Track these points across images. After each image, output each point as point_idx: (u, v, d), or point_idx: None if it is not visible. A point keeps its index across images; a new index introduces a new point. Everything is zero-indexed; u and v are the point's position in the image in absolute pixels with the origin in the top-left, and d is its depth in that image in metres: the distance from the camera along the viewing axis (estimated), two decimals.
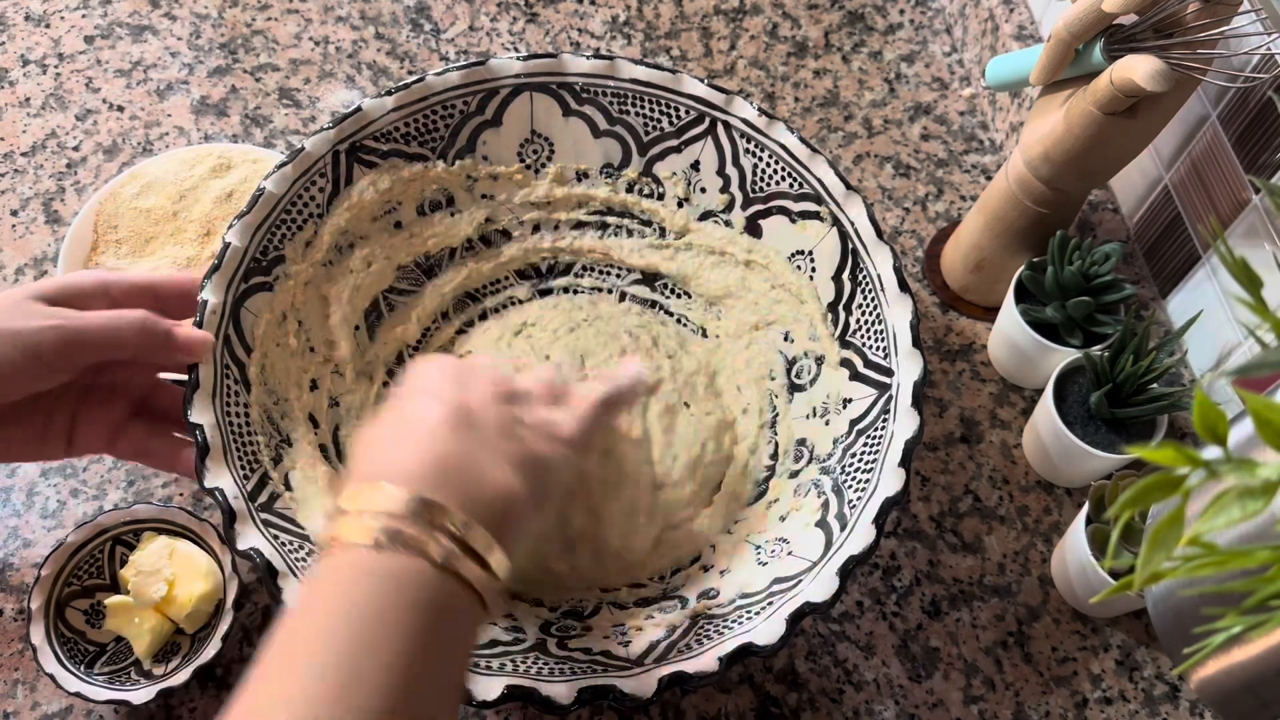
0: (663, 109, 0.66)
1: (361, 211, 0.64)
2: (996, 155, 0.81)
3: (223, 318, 0.56)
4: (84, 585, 0.60)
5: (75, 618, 0.59)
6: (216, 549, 0.60)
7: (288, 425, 0.59)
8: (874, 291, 0.60)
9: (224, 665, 0.59)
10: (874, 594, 0.63)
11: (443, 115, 0.65)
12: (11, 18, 0.84)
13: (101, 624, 0.59)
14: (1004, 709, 0.60)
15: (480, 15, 0.87)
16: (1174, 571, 0.25)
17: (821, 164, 0.63)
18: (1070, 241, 0.65)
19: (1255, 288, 0.28)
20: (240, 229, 0.59)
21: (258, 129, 0.80)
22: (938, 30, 0.88)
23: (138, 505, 0.61)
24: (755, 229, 0.67)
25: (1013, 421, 0.70)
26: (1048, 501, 0.67)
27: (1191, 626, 0.35)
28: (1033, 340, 0.65)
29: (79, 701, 0.58)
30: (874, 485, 0.54)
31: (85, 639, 0.59)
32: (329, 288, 0.63)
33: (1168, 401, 0.60)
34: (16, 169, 0.77)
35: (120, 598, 0.58)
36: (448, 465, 0.42)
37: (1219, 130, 0.63)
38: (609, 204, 0.69)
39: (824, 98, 0.84)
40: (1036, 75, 0.61)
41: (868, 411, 0.59)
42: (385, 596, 0.38)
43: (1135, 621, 0.62)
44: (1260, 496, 0.23)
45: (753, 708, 0.59)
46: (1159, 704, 0.60)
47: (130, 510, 0.60)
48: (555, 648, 0.54)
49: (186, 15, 0.86)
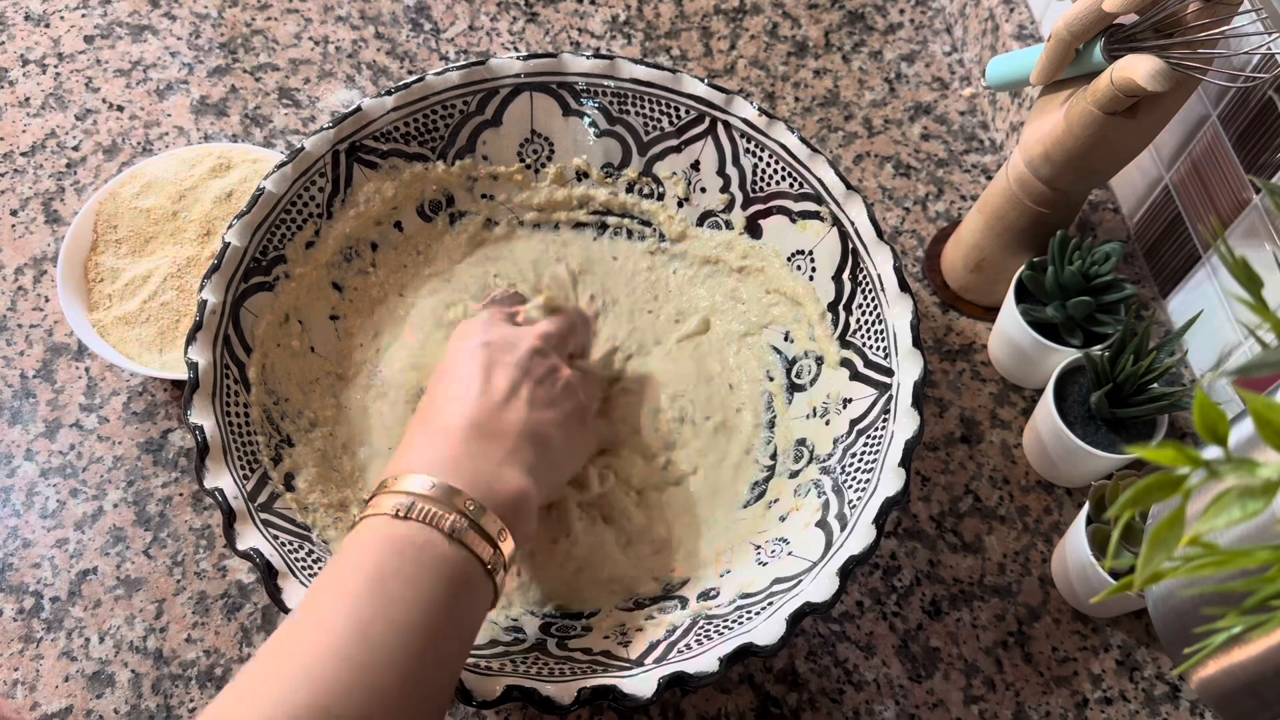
0: (663, 109, 0.66)
1: (368, 219, 0.64)
2: (997, 155, 0.81)
3: (222, 317, 0.57)
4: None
5: None
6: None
7: (288, 425, 0.59)
8: (874, 291, 0.60)
9: (224, 665, 0.59)
10: (874, 594, 0.63)
11: (443, 115, 0.65)
12: (11, 17, 0.84)
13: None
14: (1004, 709, 0.60)
15: (480, 15, 0.87)
16: (1174, 571, 0.25)
17: (822, 164, 0.63)
18: (1070, 241, 0.65)
19: (1255, 287, 0.28)
20: (240, 229, 0.59)
21: (258, 129, 0.80)
22: (938, 30, 0.88)
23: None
24: (755, 229, 0.67)
25: (1013, 421, 0.70)
26: (1048, 501, 0.67)
27: (1192, 626, 0.35)
28: (1033, 340, 0.65)
29: (78, 702, 0.58)
30: (874, 485, 0.54)
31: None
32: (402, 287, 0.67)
33: (1168, 401, 0.59)
34: (16, 169, 0.77)
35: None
36: (468, 467, 0.48)
37: (1219, 130, 0.63)
38: (609, 205, 0.69)
39: (824, 97, 0.84)
40: (1037, 75, 0.61)
41: (868, 411, 0.58)
42: (399, 558, 0.43)
43: (1136, 621, 0.62)
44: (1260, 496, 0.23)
45: (753, 708, 0.59)
46: (1159, 704, 0.60)
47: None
48: (555, 648, 0.54)
49: (186, 15, 0.86)
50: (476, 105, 0.66)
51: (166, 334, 0.66)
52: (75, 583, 0.62)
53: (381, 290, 0.66)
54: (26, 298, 0.71)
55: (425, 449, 0.49)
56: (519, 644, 0.54)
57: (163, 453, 0.66)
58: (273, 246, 0.60)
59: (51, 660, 0.59)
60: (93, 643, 0.60)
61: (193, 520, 0.64)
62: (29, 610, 0.61)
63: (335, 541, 0.56)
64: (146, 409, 0.67)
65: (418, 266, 0.67)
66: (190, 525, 0.64)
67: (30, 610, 0.61)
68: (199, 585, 0.62)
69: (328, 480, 0.59)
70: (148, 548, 0.63)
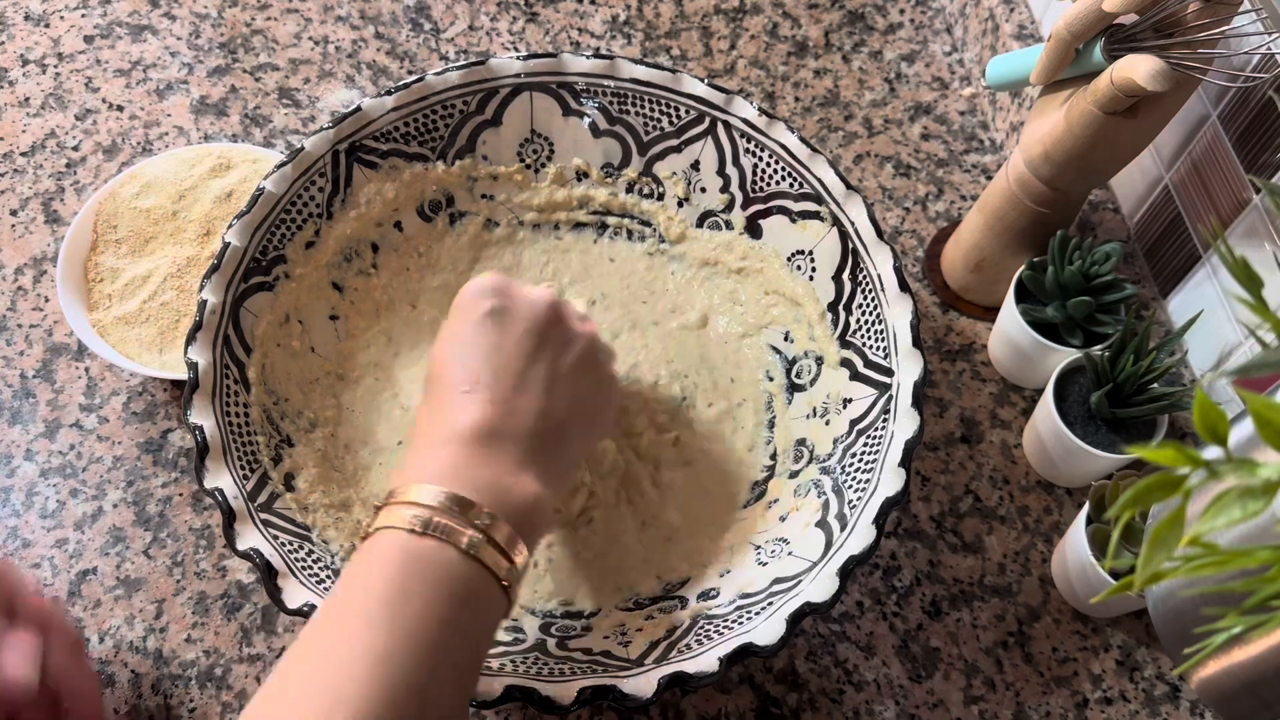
0: (663, 109, 0.66)
1: (368, 220, 0.64)
2: (997, 155, 0.81)
3: (222, 317, 0.57)
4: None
5: None
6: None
7: (287, 425, 0.59)
8: (874, 291, 0.60)
9: (224, 665, 0.59)
10: (874, 594, 0.63)
11: (442, 115, 0.65)
12: (11, 17, 0.84)
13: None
14: (1004, 709, 0.60)
15: (480, 15, 0.87)
16: (1174, 572, 0.25)
17: (822, 164, 0.63)
18: (1071, 241, 0.65)
19: (1256, 287, 0.28)
20: (240, 229, 0.59)
21: (257, 129, 0.80)
22: (938, 30, 0.88)
23: None
24: (755, 229, 0.67)
25: (1013, 421, 0.70)
26: (1048, 501, 0.67)
27: (1192, 626, 0.35)
28: (1033, 340, 0.65)
29: None
30: (874, 485, 0.54)
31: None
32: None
33: (1168, 401, 0.59)
34: (16, 169, 0.77)
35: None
36: (482, 476, 0.46)
37: (1219, 130, 0.63)
38: (608, 205, 0.69)
39: (824, 97, 0.84)
40: (1037, 75, 0.61)
41: (868, 411, 0.58)
42: (416, 575, 0.42)
43: (1136, 621, 0.62)
44: (1260, 496, 0.23)
45: (753, 708, 0.59)
46: (1159, 704, 0.60)
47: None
48: (555, 648, 0.54)
49: (186, 15, 0.86)
50: (476, 105, 0.66)
51: (166, 334, 0.66)
52: (75, 583, 0.62)
53: (385, 293, 0.66)
54: (26, 298, 0.71)
55: (435, 456, 0.47)
56: (519, 644, 0.54)
57: (163, 453, 0.66)
58: (273, 246, 0.60)
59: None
60: (93, 643, 0.60)
61: (193, 520, 0.64)
62: None
63: (335, 542, 0.56)
64: (146, 409, 0.67)
65: (420, 271, 0.67)
66: (190, 525, 0.64)
67: None
68: (199, 585, 0.62)
69: (329, 480, 0.59)
70: (147, 548, 0.63)
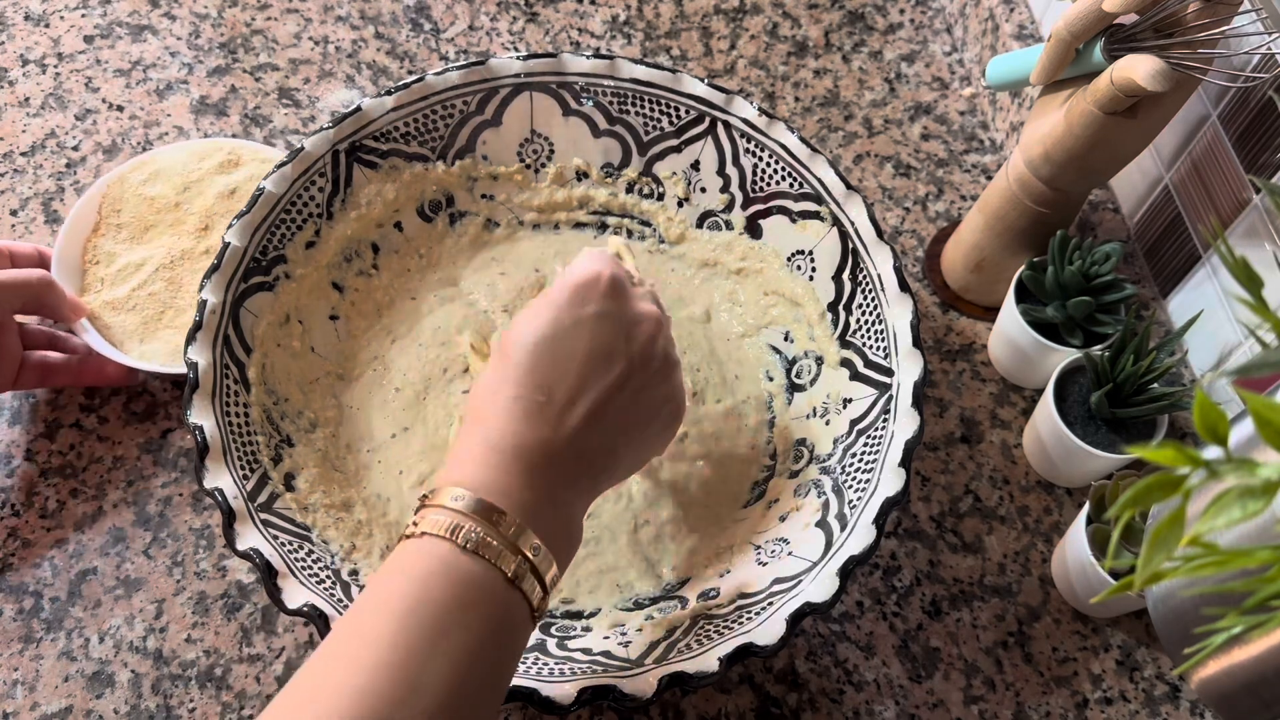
0: (663, 109, 0.66)
1: (369, 221, 0.64)
2: (997, 155, 0.81)
3: (222, 317, 0.57)
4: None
5: None
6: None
7: (288, 425, 0.59)
8: (874, 291, 0.60)
9: (224, 665, 0.59)
10: (874, 594, 0.63)
11: (442, 115, 0.65)
12: (11, 17, 0.84)
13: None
14: (1004, 709, 0.60)
15: (480, 15, 0.87)
16: (1174, 572, 0.25)
17: (822, 164, 0.63)
18: (1071, 241, 0.65)
19: (1256, 287, 0.28)
20: (240, 229, 0.59)
21: (257, 129, 0.80)
22: (938, 30, 0.88)
23: None
24: (755, 229, 0.67)
25: (1013, 421, 0.69)
26: (1048, 501, 0.67)
27: (1192, 626, 0.35)
28: (1033, 340, 0.65)
29: (78, 702, 0.58)
30: (874, 485, 0.54)
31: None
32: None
33: (1168, 401, 0.59)
34: (16, 169, 0.77)
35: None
36: (540, 500, 0.44)
37: (1219, 130, 0.63)
38: (608, 205, 0.69)
39: (824, 97, 0.84)
40: (1037, 75, 0.61)
41: (868, 411, 0.58)
42: (456, 598, 0.40)
43: (1136, 621, 0.62)
44: (1260, 496, 0.23)
45: (753, 708, 0.59)
46: (1159, 704, 0.60)
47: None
48: (555, 648, 0.54)
49: (186, 15, 0.86)
50: (476, 105, 0.66)
51: (149, 324, 0.66)
52: (75, 583, 0.62)
53: (386, 294, 0.66)
54: None
55: (489, 464, 0.44)
56: None
57: (163, 453, 0.66)
58: (273, 246, 0.60)
59: (51, 660, 0.59)
60: (92, 643, 0.60)
61: (192, 520, 0.64)
62: (29, 610, 0.61)
63: (335, 542, 0.56)
64: (146, 409, 0.67)
65: (421, 270, 0.67)
66: (190, 525, 0.64)
67: (30, 610, 0.61)
68: (199, 585, 0.62)
69: (329, 480, 0.59)
70: (147, 548, 0.63)
